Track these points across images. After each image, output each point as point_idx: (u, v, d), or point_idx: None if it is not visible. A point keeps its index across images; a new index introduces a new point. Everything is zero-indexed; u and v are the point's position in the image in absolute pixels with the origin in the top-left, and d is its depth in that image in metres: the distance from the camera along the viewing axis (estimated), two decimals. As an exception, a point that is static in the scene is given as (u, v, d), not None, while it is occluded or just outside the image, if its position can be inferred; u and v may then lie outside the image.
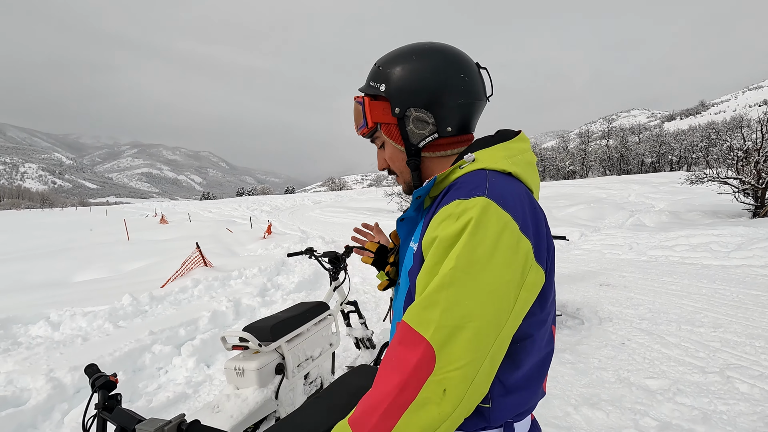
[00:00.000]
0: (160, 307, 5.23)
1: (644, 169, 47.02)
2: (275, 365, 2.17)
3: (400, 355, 0.68)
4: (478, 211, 0.69)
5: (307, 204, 37.24)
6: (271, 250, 10.27)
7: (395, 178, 0.96)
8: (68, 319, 4.58)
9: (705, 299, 4.55)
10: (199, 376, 3.39)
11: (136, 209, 50.58)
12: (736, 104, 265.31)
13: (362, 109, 0.89)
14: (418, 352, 0.66)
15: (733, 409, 2.49)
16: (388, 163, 0.95)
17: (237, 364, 2.07)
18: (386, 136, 0.90)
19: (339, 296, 3.09)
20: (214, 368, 3.54)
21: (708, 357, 3.20)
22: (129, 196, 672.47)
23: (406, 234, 0.92)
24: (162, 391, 3.16)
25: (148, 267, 8.45)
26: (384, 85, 0.87)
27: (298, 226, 17.96)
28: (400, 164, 0.92)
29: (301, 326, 2.40)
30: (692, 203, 13.33)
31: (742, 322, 3.82)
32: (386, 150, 0.93)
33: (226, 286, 6.22)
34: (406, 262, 0.89)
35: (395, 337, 0.72)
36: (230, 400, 1.99)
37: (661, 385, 2.82)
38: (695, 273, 5.78)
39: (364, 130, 0.91)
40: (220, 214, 29.86)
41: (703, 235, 7.66)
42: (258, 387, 2.06)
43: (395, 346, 0.70)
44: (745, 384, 2.75)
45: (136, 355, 3.60)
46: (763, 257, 6.10)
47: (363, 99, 0.90)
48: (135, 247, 11.72)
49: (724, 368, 2.99)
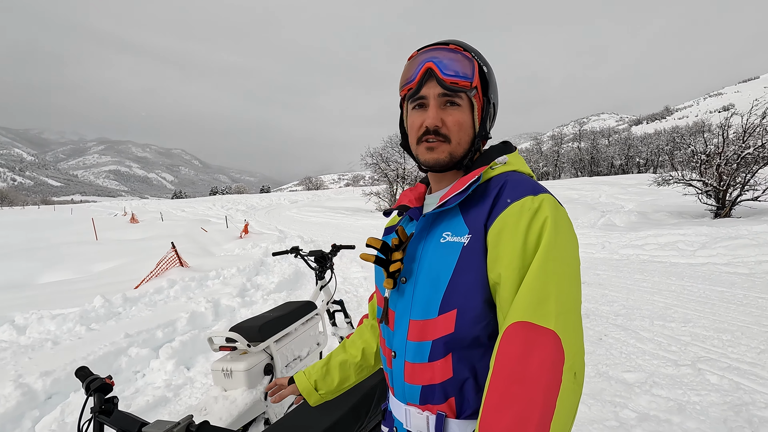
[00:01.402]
0: (134, 308, 5.06)
1: (614, 170, 48.73)
2: (264, 366, 2.14)
3: (532, 357, 0.67)
4: (552, 205, 0.77)
5: (284, 203, 36.79)
6: (249, 249, 10.09)
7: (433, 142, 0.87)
8: (35, 322, 4.37)
9: (675, 296, 4.76)
10: (179, 378, 3.29)
11: (103, 208, 48.66)
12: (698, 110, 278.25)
13: (472, 66, 0.86)
14: (549, 346, 0.67)
15: (705, 400, 2.62)
16: (445, 124, 0.87)
17: (225, 365, 2.02)
18: (476, 105, 0.90)
19: (325, 295, 3.06)
20: (195, 370, 3.46)
21: (680, 351, 3.34)
22: (96, 195, 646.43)
23: (429, 228, 0.90)
24: (140, 396, 3.06)
25: (119, 267, 8.16)
26: (486, 68, 0.90)
27: (276, 225, 17.71)
28: (465, 136, 0.89)
29: (289, 326, 2.37)
30: (659, 204, 13.90)
31: (709, 317, 4.02)
32: (459, 114, 0.87)
33: (203, 286, 6.07)
34: (433, 257, 0.85)
35: (516, 344, 0.68)
36: (218, 402, 1.95)
37: (638, 378, 2.93)
38: (664, 270, 6.03)
39: (462, 82, 0.85)
40: (194, 214, 29.12)
41: (670, 235, 8.01)
42: (247, 388, 2.01)
43: (522, 353, 0.67)
44: (715, 375, 2.90)
45: (111, 359, 3.47)
46: (725, 255, 6.43)
47: (472, 58, 0.88)
48: (104, 247, 11.28)
49: (695, 361, 3.14)
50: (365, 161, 26.90)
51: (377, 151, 26.74)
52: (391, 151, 26.67)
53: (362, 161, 27.02)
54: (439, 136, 0.87)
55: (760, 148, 10.82)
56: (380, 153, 26.58)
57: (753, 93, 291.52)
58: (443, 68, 0.84)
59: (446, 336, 0.81)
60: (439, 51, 0.87)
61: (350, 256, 8.61)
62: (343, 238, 12.12)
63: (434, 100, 0.86)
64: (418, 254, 0.89)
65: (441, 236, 0.85)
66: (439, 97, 0.86)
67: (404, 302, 0.89)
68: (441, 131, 0.86)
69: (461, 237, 0.82)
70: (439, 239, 0.85)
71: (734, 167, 10.93)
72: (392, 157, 26.49)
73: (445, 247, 0.84)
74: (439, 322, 0.82)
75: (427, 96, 0.87)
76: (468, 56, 0.87)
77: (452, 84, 0.84)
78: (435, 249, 0.85)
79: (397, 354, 0.90)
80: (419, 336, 0.85)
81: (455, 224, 0.85)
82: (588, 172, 49.82)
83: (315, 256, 3.02)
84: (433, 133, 0.86)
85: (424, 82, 0.87)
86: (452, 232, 0.84)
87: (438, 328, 0.82)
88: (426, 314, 0.84)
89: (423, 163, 0.91)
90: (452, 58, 0.85)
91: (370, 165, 26.92)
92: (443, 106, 0.87)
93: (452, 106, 0.87)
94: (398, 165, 26.13)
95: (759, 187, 10.88)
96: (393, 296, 0.93)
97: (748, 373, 2.92)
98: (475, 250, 0.79)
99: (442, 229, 0.86)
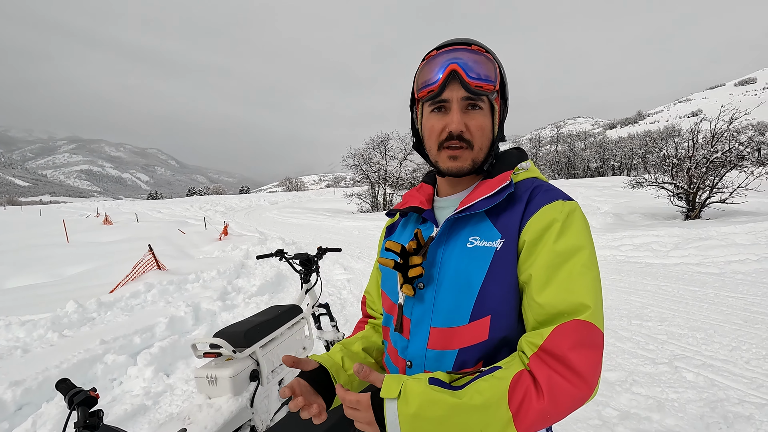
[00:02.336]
0: (110, 313, 4.89)
1: (589, 173, 50.00)
2: (250, 372, 2.09)
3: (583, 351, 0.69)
4: (579, 211, 0.81)
5: (264, 204, 36.29)
6: (229, 252, 9.90)
7: (457, 149, 0.85)
8: (2, 329, 4.18)
9: (650, 295, 4.90)
10: (158, 386, 3.19)
11: (74, 209, 46.92)
12: (668, 115, 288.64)
13: (494, 69, 0.85)
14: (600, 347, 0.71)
15: (683, 397, 2.70)
16: (468, 128, 0.85)
17: (209, 372, 1.97)
18: (498, 107, 0.89)
19: (311, 299, 3.02)
20: (175, 377, 3.36)
21: (657, 349, 3.44)
22: (66, 195, 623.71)
23: (451, 232, 0.87)
24: (118, 404, 2.95)
25: (92, 271, 7.87)
26: (503, 70, 0.90)
27: (256, 227, 17.44)
28: (486, 141, 0.88)
29: (275, 330, 2.33)
30: (633, 206, 14.32)
31: (683, 315, 4.15)
32: (481, 118, 0.86)
33: (182, 290, 5.92)
34: (460, 262, 0.83)
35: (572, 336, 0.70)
36: (202, 410, 1.89)
37: (619, 377, 3.00)
38: (640, 271, 6.22)
39: (486, 86, 0.83)
40: (171, 215, 28.41)
41: (645, 236, 8.26)
42: (232, 395, 1.97)
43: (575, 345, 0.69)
44: (691, 373, 2.99)
45: (86, 367, 3.34)
46: (697, 256, 6.67)
47: (494, 60, 0.86)
48: (76, 249, 10.87)
49: (672, 359, 3.24)
50: (347, 162, 26.82)
51: (359, 152, 26.71)
52: (372, 152, 26.68)
53: (344, 162, 26.93)
54: (462, 141, 0.85)
55: (728, 152, 11.29)
56: (362, 154, 26.55)
57: (719, 99, 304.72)
58: (468, 71, 0.82)
59: (479, 344, 0.79)
60: (462, 52, 0.84)
61: (333, 258, 8.56)
62: (324, 240, 12.03)
63: (457, 104, 0.84)
64: (438, 259, 0.86)
65: (467, 241, 0.83)
66: (462, 100, 0.84)
67: (423, 309, 0.85)
68: (464, 136, 0.85)
69: (492, 242, 0.81)
70: (465, 244, 0.83)
71: (703, 171, 11.37)
72: (374, 159, 26.49)
73: (473, 252, 0.82)
74: (470, 329, 0.80)
75: (450, 99, 0.84)
76: (490, 58, 0.85)
77: (477, 87, 0.82)
78: (461, 254, 0.83)
79: (414, 364, 0.86)
80: (442, 344, 0.82)
81: (483, 229, 0.83)
82: (565, 174, 50.98)
83: (300, 259, 2.98)
84: (456, 138, 0.84)
85: (447, 85, 0.83)
86: (480, 236, 0.82)
87: (468, 336, 0.80)
88: (452, 322, 0.81)
89: (445, 170, 0.88)
90: (476, 60, 0.83)
91: (351, 166, 26.85)
92: (465, 110, 0.85)
93: (474, 109, 0.85)
94: (380, 166, 26.15)
95: (726, 189, 11.36)
96: (408, 303, 0.88)
97: (721, 370, 3.03)
98: (508, 255, 0.79)
99: (468, 234, 0.84)
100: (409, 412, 0.67)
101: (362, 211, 24.61)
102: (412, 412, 0.66)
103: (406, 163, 26.42)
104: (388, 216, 1.08)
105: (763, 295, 4.61)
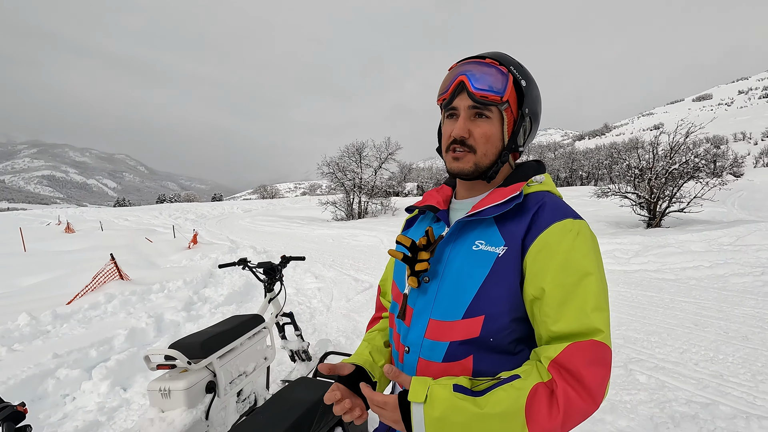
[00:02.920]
0: (66, 326, 4.67)
1: (559, 183, 51.60)
2: (206, 383, 2.05)
3: (597, 369, 0.74)
4: (588, 230, 0.85)
5: (237, 212, 35.59)
6: (198, 261, 9.65)
7: (460, 152, 0.92)
8: (-55, 344, 3.93)
9: (610, 301, 5.08)
10: (114, 400, 3.07)
11: (34, 216, 44.62)
12: (632, 128, 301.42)
13: (505, 80, 0.89)
14: (609, 365, 0.76)
15: (635, 398, 2.81)
16: (472, 135, 0.91)
17: (162, 385, 1.92)
18: (507, 118, 0.92)
19: (274, 308, 2.99)
20: (132, 391, 3.24)
21: (613, 352, 3.57)
22: (26, 202, 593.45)
23: (460, 233, 0.93)
24: (69, 421, 2.82)
25: (50, 281, 7.50)
26: (525, 82, 0.92)
27: (227, 235, 17.08)
28: (492, 148, 0.92)
29: (234, 341, 2.29)
30: (599, 215, 14.86)
31: (640, 320, 4.33)
32: (487, 126, 0.91)
33: (145, 300, 5.73)
34: (463, 262, 0.88)
35: (586, 354, 0.75)
36: (154, 424, 1.84)
37: (577, 381, 3.09)
38: (602, 277, 6.43)
39: (491, 96, 0.88)
40: (138, 223, 27.46)
41: (609, 244, 8.56)
42: (186, 408, 1.92)
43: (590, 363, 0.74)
44: (644, 375, 3.12)
45: (36, 382, 3.18)
46: (656, 263, 6.97)
47: (507, 73, 0.90)
48: (34, 259, 10.35)
49: (626, 362, 3.36)
50: (321, 170, 26.69)
51: (334, 160, 26.64)
52: (347, 160, 26.66)
53: (318, 170, 26.78)
54: (465, 147, 0.91)
55: (684, 164, 11.90)
56: (337, 162, 26.50)
57: (679, 113, 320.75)
58: (474, 82, 0.88)
59: (470, 340, 0.85)
60: (474, 65, 0.91)
61: (304, 266, 8.47)
62: (297, 248, 11.90)
63: (464, 112, 0.91)
64: (445, 257, 0.92)
65: (473, 244, 0.89)
66: (468, 109, 0.91)
67: (425, 301, 0.92)
68: (467, 142, 0.91)
69: (496, 248, 0.86)
70: (471, 246, 0.89)
71: (663, 181, 11.93)
72: (349, 167, 26.48)
73: (477, 254, 0.87)
74: (462, 325, 0.85)
75: (458, 107, 0.92)
76: (503, 70, 0.90)
77: (482, 98, 0.88)
78: (466, 255, 0.88)
79: (411, 350, 0.92)
80: (437, 335, 0.88)
81: (490, 234, 0.88)
82: (536, 183, 52.47)
83: (264, 267, 2.95)
84: (459, 143, 0.91)
85: (456, 94, 0.92)
86: (486, 241, 0.88)
87: (459, 331, 0.85)
88: (447, 316, 0.87)
89: (449, 170, 0.96)
90: (485, 72, 0.89)
91: (326, 174, 26.74)
92: (473, 118, 0.91)
93: (481, 118, 0.91)
94: (355, 175, 26.15)
95: (684, 199, 11.94)
96: (413, 294, 0.95)
97: (672, 371, 3.17)
98: (509, 263, 0.84)
99: (475, 237, 0.90)
100: (434, 416, 0.74)
101: (337, 219, 24.50)
102: (437, 416, 0.74)
103: (381, 171, 26.53)
104: (406, 212, 1.16)
105: (714, 299, 4.86)
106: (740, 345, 3.57)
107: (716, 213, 14.01)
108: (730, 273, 5.89)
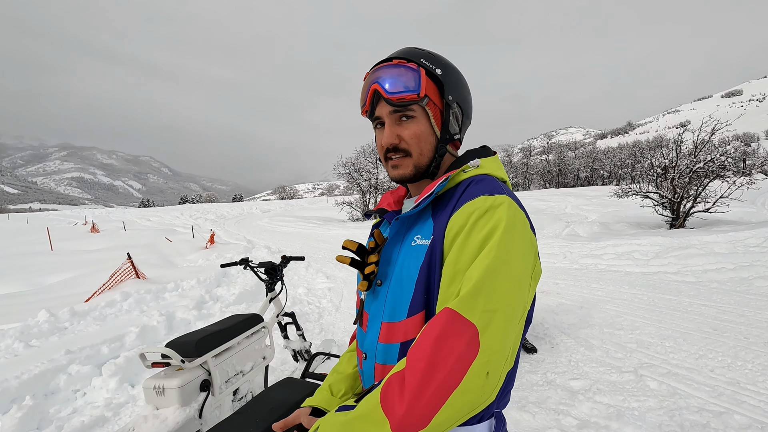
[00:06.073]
0: (82, 323, 4.81)
1: (579, 182, 50.46)
2: (200, 382, 2.07)
3: (445, 341, 0.67)
4: (507, 207, 0.77)
5: (255, 213, 36.13)
6: (213, 260, 9.83)
7: (397, 158, 0.90)
8: (-32, 339, 4.09)
9: (626, 304, 4.93)
10: (121, 396, 3.14)
11: (63, 217, 46.35)
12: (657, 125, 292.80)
13: (417, 76, 0.86)
14: (466, 337, 0.67)
15: (644, 405, 2.71)
16: (402, 139, 0.89)
17: (157, 383, 1.95)
18: (431, 112, 0.90)
19: (275, 307, 3.01)
20: (140, 388, 3.30)
21: (625, 357, 3.45)
22: (56, 203, 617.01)
23: (403, 231, 0.91)
24: (77, 416, 2.90)
25: (72, 280, 7.76)
26: (440, 70, 0.89)
27: (244, 235, 17.34)
28: (427, 145, 0.90)
29: (230, 340, 2.31)
30: (620, 215, 14.46)
31: (655, 324, 4.18)
32: (415, 126, 0.89)
33: (159, 299, 5.85)
34: (404, 260, 0.87)
35: (437, 326, 0.69)
36: (147, 421, 1.87)
37: (583, 386, 3.01)
38: (619, 279, 6.25)
39: (409, 96, 0.86)
40: (160, 223, 28.20)
41: (628, 245, 8.32)
42: (180, 406, 1.94)
43: (438, 335, 0.68)
44: (655, 381, 3.00)
45: (48, 378, 3.27)
46: (676, 264, 6.73)
47: (418, 68, 0.87)
48: (59, 258, 10.73)
49: (637, 367, 3.25)
50: (337, 171, 26.84)
51: (350, 160, 26.75)
52: (363, 160, 26.73)
53: (335, 171, 26.94)
54: (399, 152, 0.90)
55: (710, 162, 11.46)
56: (353, 163, 26.59)
57: (707, 110, 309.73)
58: (387, 86, 0.86)
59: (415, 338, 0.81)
60: (383, 69, 0.88)
61: (316, 266, 8.52)
62: (312, 248, 11.99)
63: (388, 119, 0.89)
64: (393, 257, 0.90)
65: (413, 239, 0.88)
66: (391, 114, 0.89)
67: (378, 304, 0.91)
68: (401, 147, 0.89)
69: (427, 240, 0.84)
70: (411, 242, 0.88)
71: (687, 180, 11.52)
72: (365, 167, 26.54)
73: (414, 250, 0.86)
74: (407, 324, 0.84)
75: (381, 115, 0.90)
76: (413, 66, 0.87)
77: (399, 100, 0.86)
78: (407, 252, 0.87)
79: (367, 356, 0.91)
80: (388, 338, 0.87)
81: (426, 227, 0.87)
82: (556, 183, 51.38)
83: (265, 267, 2.97)
84: (393, 150, 0.90)
85: (376, 103, 0.91)
86: (422, 235, 0.86)
87: (406, 330, 0.84)
88: (395, 316, 0.86)
89: (392, 179, 0.94)
90: (395, 73, 0.87)
91: (342, 175, 26.87)
92: (398, 122, 0.89)
93: (407, 119, 0.89)
94: (371, 175, 26.19)
95: (709, 199, 11.50)
96: (368, 298, 0.95)
97: (685, 378, 3.04)
98: (435, 252, 0.81)
99: (415, 233, 0.88)
100: None
101: (353, 219, 24.58)
102: None
103: (397, 172, 26.43)
104: (366, 217, 1.13)
105: (735, 303, 4.65)
106: (761, 351, 3.40)
107: (744, 213, 13.43)
108: (755, 276, 5.63)
